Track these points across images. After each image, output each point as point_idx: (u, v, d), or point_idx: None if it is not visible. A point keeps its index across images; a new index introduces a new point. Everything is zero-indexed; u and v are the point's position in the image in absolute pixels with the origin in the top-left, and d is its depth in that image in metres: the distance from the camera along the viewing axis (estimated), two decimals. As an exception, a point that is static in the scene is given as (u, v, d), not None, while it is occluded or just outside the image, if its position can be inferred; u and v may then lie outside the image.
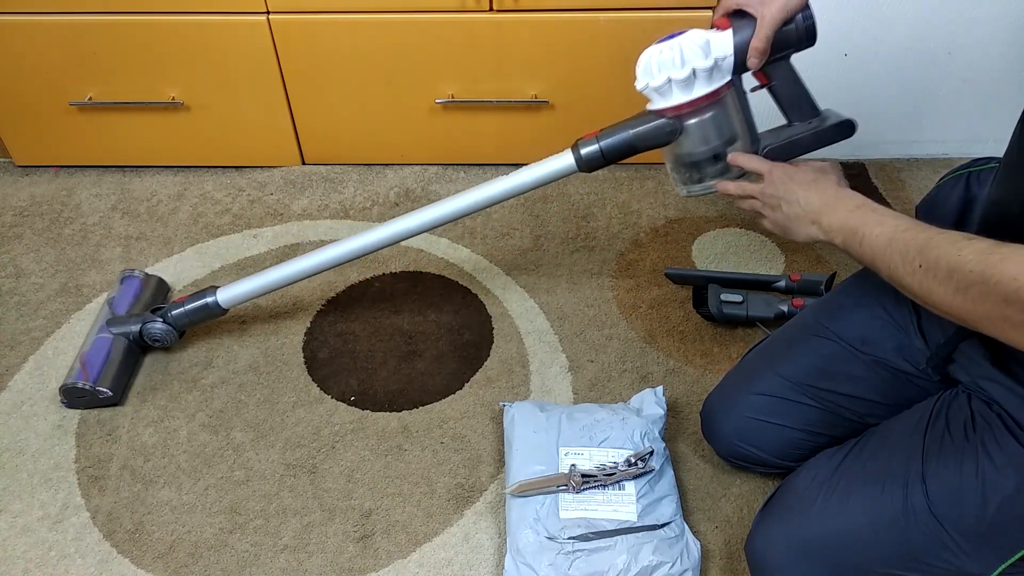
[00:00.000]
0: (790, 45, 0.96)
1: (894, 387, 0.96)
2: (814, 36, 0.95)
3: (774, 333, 1.10)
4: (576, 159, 1.06)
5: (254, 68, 1.47)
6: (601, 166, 1.06)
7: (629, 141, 1.03)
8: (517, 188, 1.10)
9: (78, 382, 1.17)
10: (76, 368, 1.20)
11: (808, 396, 0.99)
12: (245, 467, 1.14)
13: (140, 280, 1.34)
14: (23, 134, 1.59)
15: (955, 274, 0.72)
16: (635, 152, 1.04)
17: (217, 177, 1.62)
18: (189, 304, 1.22)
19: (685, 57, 0.94)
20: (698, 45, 0.94)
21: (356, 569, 1.03)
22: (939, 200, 0.97)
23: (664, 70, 0.95)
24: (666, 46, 0.95)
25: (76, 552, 1.05)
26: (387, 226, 1.14)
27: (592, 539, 0.98)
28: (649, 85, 0.97)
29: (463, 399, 1.22)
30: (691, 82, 0.95)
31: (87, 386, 1.17)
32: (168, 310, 1.23)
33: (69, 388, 1.18)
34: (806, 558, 0.87)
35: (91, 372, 1.18)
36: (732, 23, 0.96)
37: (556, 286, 1.40)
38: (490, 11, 1.39)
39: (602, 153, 1.04)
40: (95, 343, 1.22)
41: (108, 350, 1.22)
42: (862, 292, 1.01)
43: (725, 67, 0.96)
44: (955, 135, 1.60)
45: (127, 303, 1.30)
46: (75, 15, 1.41)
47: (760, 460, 1.04)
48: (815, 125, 1.01)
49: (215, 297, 1.21)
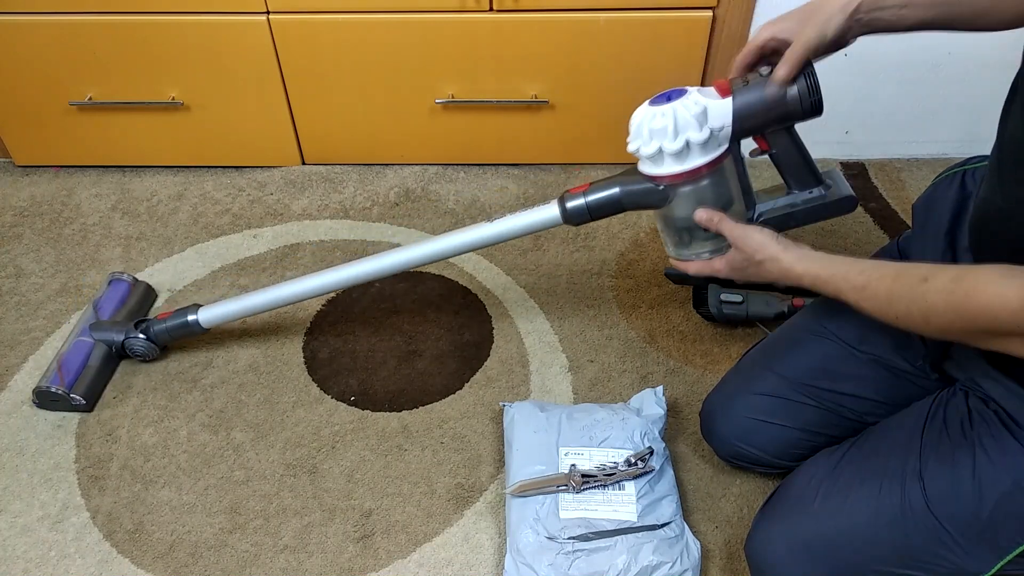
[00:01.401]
0: (794, 116, 0.90)
1: (893, 386, 0.96)
2: (820, 109, 0.89)
3: (773, 333, 1.10)
4: (562, 212, 1.02)
5: (254, 68, 1.47)
6: (587, 221, 1.02)
7: (617, 199, 0.99)
8: (502, 235, 1.07)
9: (52, 386, 1.17)
10: (52, 371, 1.19)
11: (807, 396, 0.99)
12: (245, 467, 1.14)
13: (128, 284, 1.33)
14: (23, 134, 1.59)
15: (932, 318, 0.73)
16: (622, 211, 1.00)
17: (217, 177, 1.62)
18: (170, 321, 1.21)
19: (679, 127, 0.88)
20: (693, 115, 0.87)
21: (356, 569, 1.03)
22: (935, 198, 0.97)
23: (656, 139, 0.89)
24: (659, 112, 0.88)
25: (76, 552, 1.05)
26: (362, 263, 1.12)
27: (592, 539, 0.98)
28: (640, 151, 0.92)
29: (463, 399, 1.22)
30: (685, 154, 0.90)
31: (61, 391, 1.17)
32: (150, 325, 1.22)
33: (43, 391, 1.17)
34: (806, 557, 0.88)
35: (67, 378, 1.18)
36: (732, 87, 0.90)
37: (556, 286, 1.40)
38: (490, 11, 1.39)
39: (588, 209, 1.00)
40: (75, 346, 1.22)
41: (87, 356, 1.21)
42: None
43: (722, 137, 0.90)
44: (955, 135, 1.60)
45: (112, 308, 1.29)
46: (75, 15, 1.41)
47: (759, 460, 1.04)
48: (815, 196, 0.97)
49: (196, 316, 1.20)
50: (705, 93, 0.91)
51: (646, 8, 1.39)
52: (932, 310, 0.73)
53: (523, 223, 1.05)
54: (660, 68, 1.46)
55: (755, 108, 0.90)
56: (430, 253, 1.10)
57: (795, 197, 0.98)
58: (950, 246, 0.91)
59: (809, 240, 1.46)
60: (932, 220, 0.95)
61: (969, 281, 0.70)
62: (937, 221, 0.94)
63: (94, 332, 1.23)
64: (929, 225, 0.95)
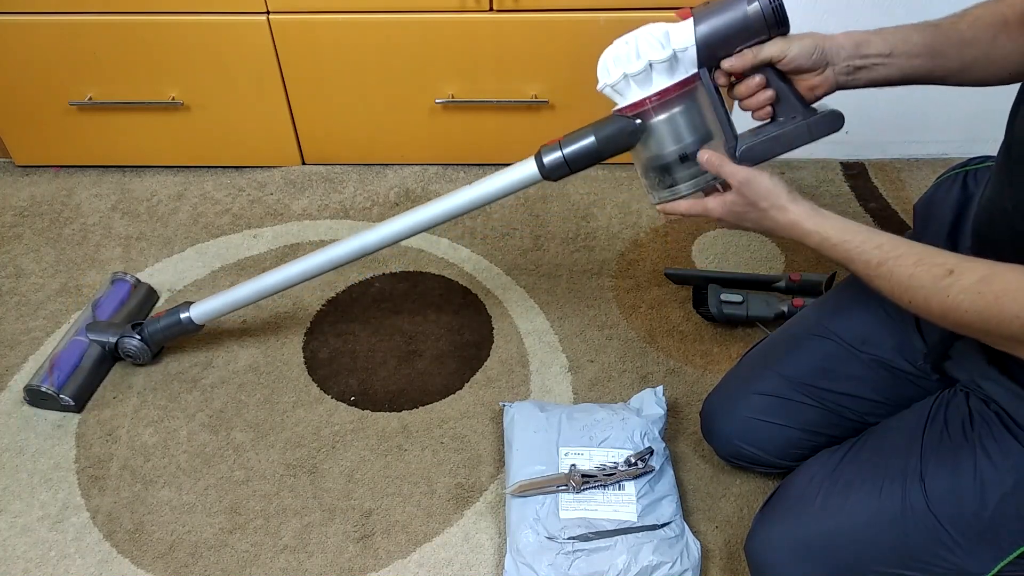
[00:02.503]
0: (758, 29, 0.87)
1: (893, 386, 0.96)
2: (784, 18, 0.87)
3: (774, 333, 1.10)
4: (539, 167, 0.99)
5: (254, 68, 1.47)
6: (567, 174, 0.98)
7: (592, 146, 0.95)
8: (480, 199, 1.04)
9: (42, 385, 1.17)
10: (44, 369, 1.19)
11: (808, 396, 0.99)
12: (245, 467, 1.14)
13: (130, 285, 1.33)
14: (23, 134, 1.59)
15: (951, 314, 0.72)
16: (601, 158, 0.96)
17: (217, 177, 1.62)
18: (163, 321, 1.20)
19: (640, 50, 0.87)
20: (655, 37, 0.87)
21: (356, 569, 1.03)
22: (936, 199, 0.97)
23: (619, 65, 0.89)
24: (621, 41, 0.89)
25: (76, 552, 1.05)
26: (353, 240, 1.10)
27: (592, 539, 0.98)
28: (607, 84, 0.91)
29: (463, 399, 1.22)
30: (648, 76, 0.88)
31: (50, 391, 1.16)
32: (145, 327, 1.22)
33: (33, 389, 1.17)
34: (806, 557, 0.88)
35: (58, 377, 1.18)
36: (693, 12, 0.89)
37: (556, 286, 1.40)
38: (490, 11, 1.39)
39: (565, 160, 0.97)
40: (70, 345, 1.22)
41: (80, 356, 1.21)
42: (862, 291, 1.01)
43: (687, 59, 0.89)
44: (955, 135, 1.60)
45: (112, 308, 1.29)
46: (75, 15, 1.41)
47: (760, 460, 1.04)
48: (800, 119, 0.91)
49: (188, 313, 1.19)
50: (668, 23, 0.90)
51: (646, 8, 1.39)
52: (955, 307, 0.71)
53: (502, 183, 1.02)
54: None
55: (717, 25, 0.87)
56: (415, 223, 1.07)
57: (780, 124, 0.93)
58: (952, 247, 0.91)
59: (809, 240, 1.47)
60: (933, 221, 0.95)
61: (999, 284, 0.68)
62: (938, 222, 0.94)
63: (90, 332, 1.23)
64: (930, 226, 0.95)
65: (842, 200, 1.55)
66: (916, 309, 0.75)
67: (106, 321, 1.26)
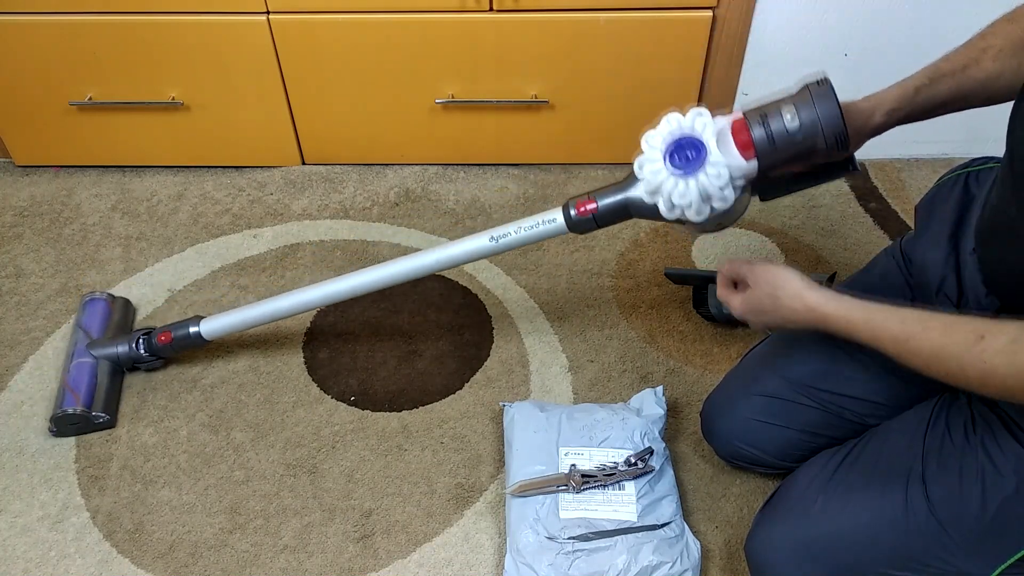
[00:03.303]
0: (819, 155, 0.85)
1: (894, 388, 0.96)
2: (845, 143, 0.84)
3: (774, 334, 1.10)
4: (567, 221, 0.99)
5: (254, 68, 1.47)
6: (593, 230, 0.99)
7: (624, 208, 0.95)
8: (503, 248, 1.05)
9: (69, 408, 1.14)
10: (64, 395, 1.16)
11: (808, 397, 0.99)
12: (245, 467, 1.14)
13: (106, 302, 1.30)
14: (23, 134, 1.59)
15: (991, 380, 0.70)
16: (630, 216, 0.96)
17: (217, 177, 1.62)
18: (174, 333, 1.19)
19: (704, 198, 0.85)
20: (718, 187, 0.84)
21: (356, 569, 1.03)
22: (938, 199, 0.97)
23: (679, 209, 0.87)
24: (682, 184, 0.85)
25: (76, 552, 1.05)
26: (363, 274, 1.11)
27: (592, 539, 0.98)
28: (661, 209, 0.89)
29: (463, 399, 1.22)
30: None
31: (80, 411, 1.14)
32: (151, 338, 1.21)
33: (61, 416, 1.14)
34: (806, 558, 0.88)
35: (83, 397, 1.15)
36: (754, 139, 0.83)
37: (556, 286, 1.40)
38: (490, 11, 1.39)
39: (595, 220, 0.97)
40: (76, 368, 1.19)
41: (93, 374, 1.19)
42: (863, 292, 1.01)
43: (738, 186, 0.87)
44: (955, 135, 1.60)
45: (99, 326, 1.26)
46: (75, 15, 1.41)
47: (760, 460, 1.04)
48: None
49: (198, 328, 1.19)
50: (724, 144, 0.85)
51: (646, 8, 1.39)
52: (992, 372, 0.69)
53: (527, 234, 1.02)
54: (660, 68, 1.46)
55: (780, 160, 0.84)
56: (431, 264, 1.08)
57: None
58: (953, 249, 0.91)
59: (808, 240, 1.47)
60: (935, 223, 0.95)
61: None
62: (940, 224, 0.94)
63: (93, 350, 1.20)
64: (932, 227, 0.95)
65: (842, 200, 1.55)
66: (953, 379, 0.73)
67: (104, 338, 1.24)
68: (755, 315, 0.89)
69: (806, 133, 0.83)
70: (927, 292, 0.92)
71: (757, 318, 0.89)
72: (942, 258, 0.91)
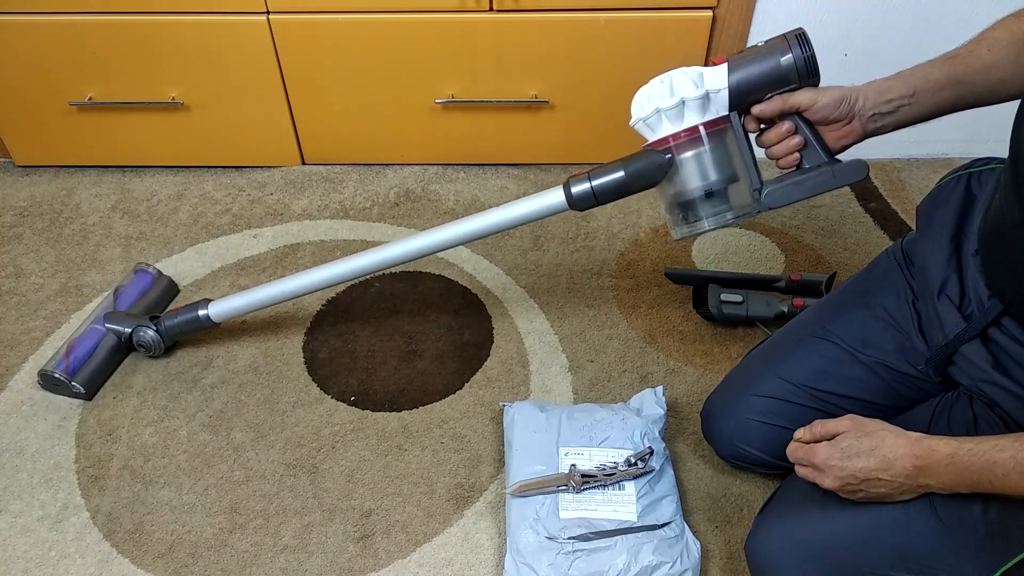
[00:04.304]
0: (790, 78, 0.90)
1: (894, 389, 0.96)
2: (815, 69, 0.90)
3: (775, 334, 1.10)
4: (567, 197, 1.01)
5: (254, 68, 1.47)
6: (593, 205, 1.01)
7: (620, 179, 0.98)
8: (505, 223, 1.06)
9: (56, 371, 1.19)
10: (60, 353, 1.21)
11: (808, 398, 0.99)
12: (245, 467, 1.14)
13: (152, 277, 1.35)
14: (23, 134, 1.59)
15: None
16: (629, 191, 0.99)
17: (217, 177, 1.62)
18: (180, 316, 1.22)
19: (675, 88, 0.91)
20: (689, 77, 0.91)
21: (356, 569, 1.03)
22: (940, 200, 0.97)
23: (653, 101, 0.92)
24: (656, 80, 0.93)
25: (76, 552, 1.05)
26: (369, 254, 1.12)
27: (592, 539, 0.98)
28: (640, 119, 0.94)
29: (463, 399, 1.22)
30: (680, 112, 0.92)
31: (63, 377, 1.19)
32: (162, 320, 1.24)
33: (47, 374, 1.20)
34: (806, 558, 0.87)
35: (72, 364, 1.20)
36: (728, 59, 0.92)
37: (556, 286, 1.40)
38: (490, 11, 1.39)
39: (593, 192, 0.99)
40: (87, 333, 1.24)
41: (96, 344, 1.23)
42: (863, 293, 1.01)
43: (719, 100, 0.92)
44: (955, 135, 1.60)
45: (133, 298, 1.31)
46: (75, 15, 1.41)
47: (760, 461, 1.04)
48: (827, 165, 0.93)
49: (207, 311, 1.21)
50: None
51: (646, 8, 1.39)
52: None
53: (528, 209, 1.04)
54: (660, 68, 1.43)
55: (751, 72, 0.91)
56: (437, 241, 1.10)
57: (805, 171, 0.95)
58: (955, 251, 0.91)
59: (808, 240, 1.47)
60: (936, 224, 0.95)
61: None
62: (941, 225, 0.93)
63: (107, 322, 1.25)
64: (933, 228, 0.95)
65: (842, 200, 1.55)
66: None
67: (124, 312, 1.27)
68: (844, 460, 0.81)
69: (771, 47, 0.91)
70: (929, 293, 0.92)
71: (846, 463, 0.81)
72: (944, 259, 0.91)
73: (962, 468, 0.74)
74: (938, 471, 0.76)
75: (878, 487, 0.80)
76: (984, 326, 0.84)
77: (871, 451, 0.80)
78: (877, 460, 0.79)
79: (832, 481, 0.82)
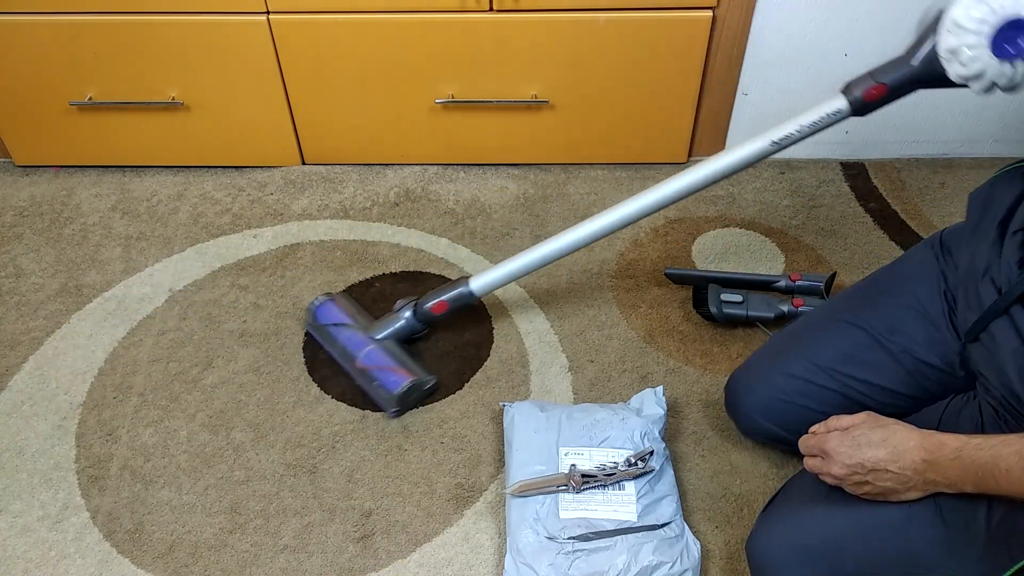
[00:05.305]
0: None
1: (917, 379, 0.96)
2: None
3: (805, 315, 1.10)
4: (852, 102, 0.99)
5: (254, 68, 1.47)
6: (878, 107, 0.98)
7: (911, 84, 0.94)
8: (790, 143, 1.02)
9: (404, 382, 1.16)
10: (384, 379, 1.18)
11: (831, 379, 1.00)
12: (245, 467, 1.14)
13: (332, 300, 1.30)
14: (23, 134, 1.59)
15: None
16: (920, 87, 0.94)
17: (217, 177, 1.62)
18: (449, 303, 1.21)
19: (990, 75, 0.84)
20: None
21: (356, 569, 1.03)
22: (995, 193, 0.94)
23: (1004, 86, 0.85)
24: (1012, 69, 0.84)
25: (76, 552, 1.05)
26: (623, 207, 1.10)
27: (592, 539, 0.98)
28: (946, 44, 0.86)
29: (463, 399, 1.22)
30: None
31: (412, 380, 1.17)
32: (419, 306, 1.22)
33: (401, 395, 1.16)
34: (807, 559, 0.87)
35: (401, 370, 1.18)
36: None
37: (556, 286, 1.40)
38: (490, 11, 1.39)
39: (890, 90, 0.96)
40: (368, 356, 1.20)
41: (387, 352, 1.21)
42: (896, 280, 1.01)
43: None
44: (954, 135, 1.60)
45: (347, 315, 1.28)
46: (75, 15, 1.41)
47: (779, 437, 1.05)
48: None
49: (469, 288, 1.20)
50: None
51: (646, 8, 1.39)
52: None
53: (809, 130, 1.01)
54: (660, 68, 1.46)
55: None
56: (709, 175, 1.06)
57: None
58: (1000, 235, 0.89)
59: (808, 240, 1.47)
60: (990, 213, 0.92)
61: None
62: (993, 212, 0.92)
63: (376, 334, 1.23)
64: (984, 222, 0.93)
65: (842, 200, 1.55)
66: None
67: (371, 322, 1.26)
68: (855, 448, 0.82)
69: None
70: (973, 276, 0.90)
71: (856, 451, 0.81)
72: (990, 243, 0.90)
73: (968, 463, 0.74)
74: (945, 465, 0.76)
75: (885, 480, 0.80)
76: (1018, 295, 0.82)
77: (882, 441, 0.80)
78: (887, 451, 0.79)
79: (839, 468, 0.82)
